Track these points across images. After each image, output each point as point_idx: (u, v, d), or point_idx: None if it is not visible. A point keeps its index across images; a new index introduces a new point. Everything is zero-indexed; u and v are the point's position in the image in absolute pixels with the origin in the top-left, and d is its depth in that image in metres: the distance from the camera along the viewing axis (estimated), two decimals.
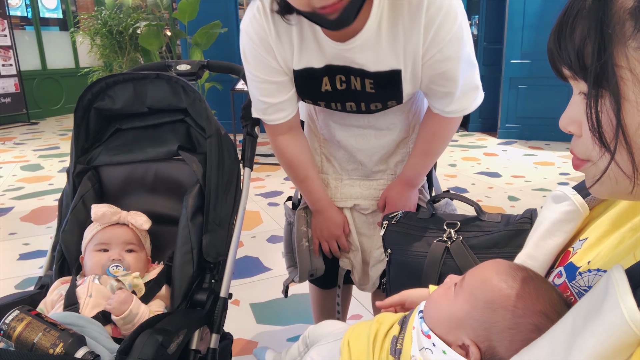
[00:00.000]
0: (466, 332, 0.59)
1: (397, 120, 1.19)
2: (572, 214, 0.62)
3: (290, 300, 2.02)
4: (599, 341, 0.39)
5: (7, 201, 3.40)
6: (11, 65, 6.61)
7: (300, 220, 1.33)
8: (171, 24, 5.60)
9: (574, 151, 0.50)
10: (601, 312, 0.40)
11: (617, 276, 0.40)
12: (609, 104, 0.42)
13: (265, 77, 1.08)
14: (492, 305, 0.57)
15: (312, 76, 1.07)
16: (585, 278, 0.55)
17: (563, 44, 0.45)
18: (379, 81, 1.04)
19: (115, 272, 1.00)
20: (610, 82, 0.41)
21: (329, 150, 1.28)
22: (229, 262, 1.08)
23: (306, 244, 1.33)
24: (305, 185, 1.25)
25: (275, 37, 1.03)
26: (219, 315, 1.03)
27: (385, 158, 1.25)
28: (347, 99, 1.09)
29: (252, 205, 3.24)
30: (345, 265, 1.35)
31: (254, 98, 1.14)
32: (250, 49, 1.06)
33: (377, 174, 1.27)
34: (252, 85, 1.12)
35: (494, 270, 0.61)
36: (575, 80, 0.46)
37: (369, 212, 1.29)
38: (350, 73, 1.05)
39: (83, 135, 1.17)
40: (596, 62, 0.41)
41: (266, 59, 1.06)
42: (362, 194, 1.27)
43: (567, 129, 0.49)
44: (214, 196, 1.07)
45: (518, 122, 5.31)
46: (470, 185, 3.66)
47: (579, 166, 0.50)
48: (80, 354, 0.79)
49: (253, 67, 1.08)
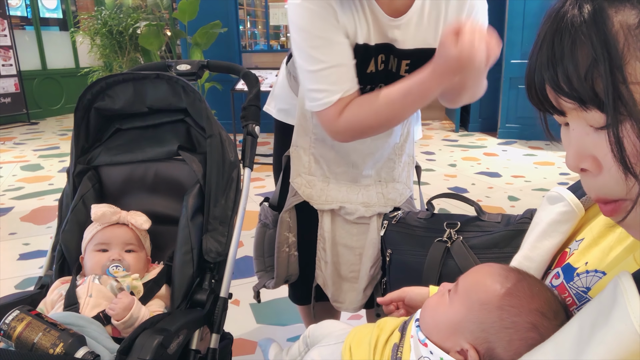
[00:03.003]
0: (464, 336, 0.59)
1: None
2: (567, 215, 0.62)
3: (290, 300, 2.02)
4: (608, 350, 0.38)
5: (7, 201, 3.40)
6: (11, 65, 6.61)
7: (283, 225, 1.26)
8: (171, 24, 5.60)
9: (597, 193, 0.44)
10: (610, 320, 0.39)
11: (625, 284, 0.39)
12: (630, 128, 0.38)
13: (334, 38, 1.00)
14: (488, 306, 0.58)
15: (365, 54, 1.05)
16: (583, 279, 0.55)
17: (562, 72, 0.40)
18: (415, 61, 1.05)
19: (115, 273, 1.00)
20: (628, 104, 0.37)
21: (319, 151, 1.24)
22: (229, 262, 1.08)
23: (286, 250, 1.28)
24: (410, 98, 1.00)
25: (340, 7, 1.00)
26: (219, 315, 1.02)
27: (375, 162, 1.24)
28: (380, 81, 1.09)
29: (252, 205, 3.24)
30: (318, 278, 1.30)
31: (312, 75, 1.02)
32: (309, 16, 0.99)
33: (365, 179, 1.25)
34: (316, 53, 1.00)
35: (487, 273, 0.61)
36: (580, 111, 0.41)
37: (355, 218, 1.24)
38: (391, 52, 1.06)
39: (83, 135, 1.17)
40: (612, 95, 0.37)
41: (331, 22, 1.00)
42: (349, 198, 1.24)
43: (579, 167, 0.44)
44: (214, 196, 1.07)
45: (518, 122, 5.31)
46: (470, 185, 3.66)
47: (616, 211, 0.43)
48: (80, 354, 0.79)
49: (319, 29, 0.99)
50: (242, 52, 5.91)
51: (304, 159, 1.25)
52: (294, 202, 1.25)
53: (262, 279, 1.36)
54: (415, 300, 0.81)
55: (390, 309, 0.84)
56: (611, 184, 0.41)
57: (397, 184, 1.27)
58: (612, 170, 0.40)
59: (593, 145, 0.42)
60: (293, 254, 1.30)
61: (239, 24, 5.75)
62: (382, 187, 1.26)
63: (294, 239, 1.29)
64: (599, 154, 0.41)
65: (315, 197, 1.24)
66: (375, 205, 1.24)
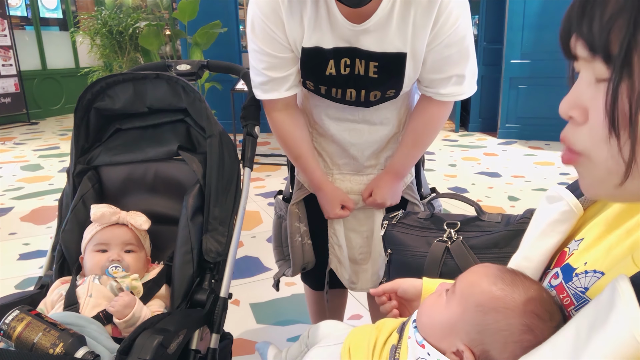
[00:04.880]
0: (459, 338, 0.59)
1: (390, 115, 1.20)
2: (566, 214, 0.61)
3: (290, 300, 2.02)
4: (605, 355, 0.38)
5: (7, 201, 3.40)
6: (11, 65, 6.61)
7: (293, 217, 1.32)
8: (171, 24, 5.60)
9: (569, 141, 0.46)
10: (607, 324, 0.39)
11: (623, 287, 0.39)
12: (625, 90, 0.40)
13: (270, 52, 1.08)
14: (484, 308, 0.58)
15: (319, 56, 1.07)
16: (582, 279, 0.55)
17: (588, 17, 0.41)
18: (384, 64, 1.05)
19: (114, 273, 1.00)
20: (634, 69, 0.39)
21: (320, 145, 1.28)
22: (229, 262, 1.08)
23: (299, 239, 1.33)
24: (300, 162, 1.25)
25: (288, 11, 1.02)
26: (219, 315, 1.03)
27: (377, 153, 1.25)
28: (348, 85, 1.09)
29: (252, 205, 3.24)
30: (332, 262, 1.34)
31: (255, 69, 1.13)
32: (259, 21, 1.05)
33: (368, 169, 1.27)
34: (255, 57, 1.11)
35: (483, 274, 0.61)
36: (589, 61, 0.43)
37: (359, 207, 1.29)
38: (356, 56, 1.05)
39: (83, 135, 1.17)
40: (625, 46, 0.39)
41: (275, 33, 1.05)
42: (353, 189, 1.28)
43: (567, 114, 0.46)
44: (214, 196, 1.07)
45: (518, 122, 5.30)
46: (470, 185, 3.66)
47: (571, 160, 0.47)
48: (80, 354, 0.79)
49: (260, 40, 1.07)
50: (242, 52, 5.90)
51: None
52: (300, 195, 1.31)
53: (281, 267, 1.41)
54: (409, 292, 0.81)
55: (382, 300, 0.83)
56: (584, 137, 0.44)
57: None
58: (594, 125, 0.43)
59: (589, 97, 0.43)
60: (307, 242, 1.33)
61: (239, 24, 5.74)
62: None
63: (305, 228, 1.33)
64: (591, 107, 0.43)
65: None
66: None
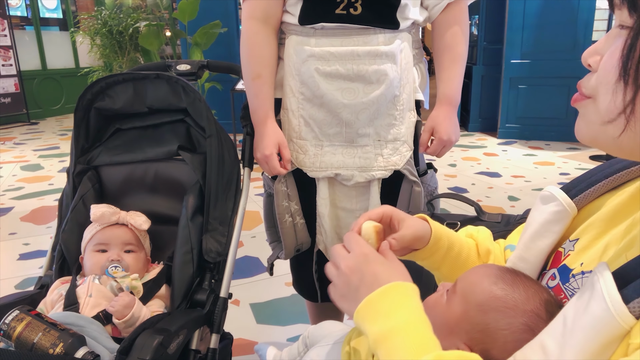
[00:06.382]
0: (460, 337, 0.59)
1: (388, 70, 1.10)
2: (560, 214, 0.62)
3: (290, 300, 2.02)
4: (588, 337, 0.40)
5: (7, 201, 3.40)
6: (11, 65, 6.61)
7: (280, 195, 1.22)
8: (171, 24, 5.60)
9: (581, 84, 0.49)
10: (588, 307, 0.40)
11: (601, 272, 0.41)
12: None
13: None
14: (484, 308, 0.58)
15: None
16: (579, 280, 0.55)
17: None
18: None
19: (114, 273, 1.00)
20: None
21: (308, 112, 1.16)
22: (229, 262, 1.08)
23: (289, 219, 1.23)
24: (256, 83, 1.15)
25: None
26: (219, 315, 1.03)
27: (372, 119, 1.15)
28: None
29: (252, 205, 3.24)
30: (319, 243, 1.25)
31: None
32: None
33: (362, 139, 1.16)
34: None
35: (484, 274, 0.61)
36: (619, 8, 0.44)
37: (352, 184, 1.19)
38: None
39: (83, 135, 1.17)
40: None
41: None
42: (345, 163, 1.17)
43: (587, 61, 0.49)
44: (214, 196, 1.07)
45: (518, 122, 5.30)
46: (470, 185, 3.66)
47: (577, 101, 0.50)
48: (80, 354, 0.79)
49: None
50: None
51: (293, 123, 1.19)
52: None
53: (275, 249, 1.33)
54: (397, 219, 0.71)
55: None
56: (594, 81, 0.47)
57: (397, 143, 1.18)
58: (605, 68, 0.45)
59: (609, 45, 0.45)
60: (299, 222, 1.25)
61: (239, 24, 5.75)
62: (382, 147, 1.18)
63: (296, 206, 1.24)
64: (607, 52, 0.45)
65: (309, 163, 1.19)
66: (374, 170, 1.18)
